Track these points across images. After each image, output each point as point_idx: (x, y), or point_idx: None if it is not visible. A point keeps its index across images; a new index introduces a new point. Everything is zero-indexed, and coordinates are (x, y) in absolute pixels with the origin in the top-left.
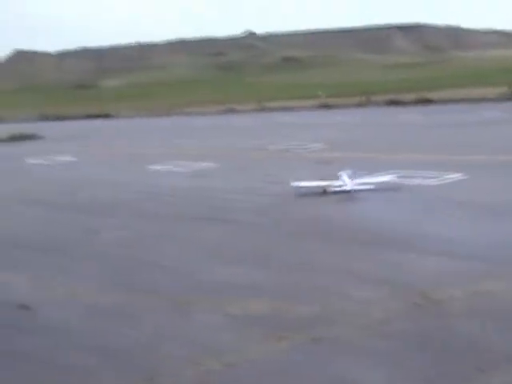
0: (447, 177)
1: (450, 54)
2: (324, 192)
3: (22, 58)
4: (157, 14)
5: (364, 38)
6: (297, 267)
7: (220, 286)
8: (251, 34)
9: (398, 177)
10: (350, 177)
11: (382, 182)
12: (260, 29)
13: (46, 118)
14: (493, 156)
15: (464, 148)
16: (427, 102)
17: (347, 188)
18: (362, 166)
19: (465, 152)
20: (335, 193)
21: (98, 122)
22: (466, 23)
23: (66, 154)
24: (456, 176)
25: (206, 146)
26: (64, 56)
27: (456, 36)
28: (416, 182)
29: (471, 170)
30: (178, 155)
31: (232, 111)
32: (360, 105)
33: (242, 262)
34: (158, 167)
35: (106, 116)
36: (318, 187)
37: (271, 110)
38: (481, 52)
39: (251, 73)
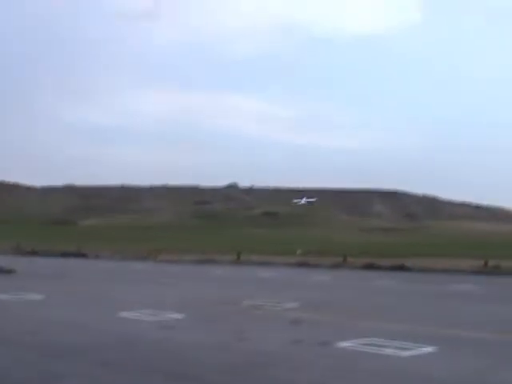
0: (418, 349)
1: (427, 223)
2: None
3: (4, 188)
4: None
5: (345, 199)
6: None
7: None
8: (235, 187)
9: (369, 345)
10: None
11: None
12: (244, 182)
13: (21, 251)
14: (465, 331)
15: (437, 320)
16: (403, 268)
17: None
18: (334, 330)
19: (438, 324)
20: None
21: (73, 261)
22: (442, 194)
23: (35, 291)
24: (427, 349)
25: (180, 295)
26: (48, 191)
27: (432, 206)
28: (388, 351)
29: (443, 343)
30: (148, 303)
31: (210, 261)
32: (337, 265)
33: None
34: (126, 314)
35: (82, 255)
36: None
37: (249, 263)
38: (456, 223)
39: (232, 224)
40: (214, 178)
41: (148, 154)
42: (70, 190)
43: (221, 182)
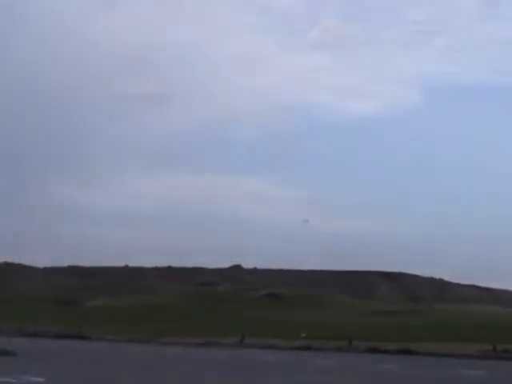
0: None
1: (433, 306)
2: None
3: (9, 269)
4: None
5: (349, 281)
6: None
7: None
8: (238, 268)
9: None
10: None
11: None
12: (248, 263)
13: (22, 333)
14: None
15: None
16: (408, 352)
17: None
18: None
19: None
20: None
21: (75, 343)
22: (449, 276)
23: (35, 374)
24: None
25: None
26: (52, 271)
27: (439, 288)
28: None
29: None
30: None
31: (212, 344)
32: (341, 349)
33: None
34: None
35: (83, 337)
36: None
37: (252, 346)
38: (463, 306)
39: (235, 306)
40: (217, 259)
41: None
42: (72, 271)
43: (224, 263)
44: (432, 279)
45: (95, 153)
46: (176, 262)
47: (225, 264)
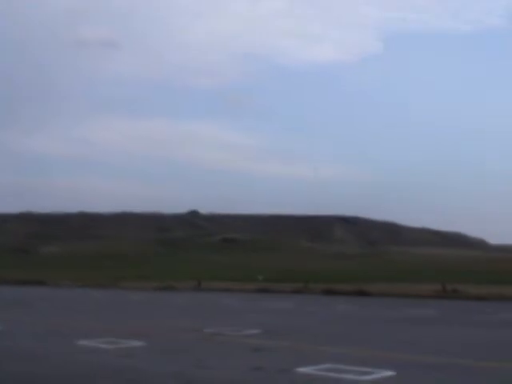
0: (378, 374)
1: (387, 248)
2: None
3: None
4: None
5: (306, 226)
6: None
7: None
8: (195, 214)
9: (329, 370)
10: None
11: None
12: (205, 209)
13: None
14: (425, 356)
15: (397, 345)
16: (363, 293)
17: None
18: (294, 356)
19: (398, 349)
20: None
21: (33, 290)
22: (402, 220)
23: None
24: (387, 374)
25: (139, 323)
26: (6, 218)
27: (392, 231)
28: (348, 377)
29: (403, 368)
30: (108, 331)
31: (170, 288)
32: (298, 291)
33: None
34: (86, 342)
35: (42, 283)
36: None
37: (210, 290)
38: (415, 248)
39: (193, 251)
40: (175, 205)
41: (107, 183)
42: (27, 218)
43: (182, 209)
44: (386, 223)
45: (47, 99)
46: (133, 208)
47: (182, 210)
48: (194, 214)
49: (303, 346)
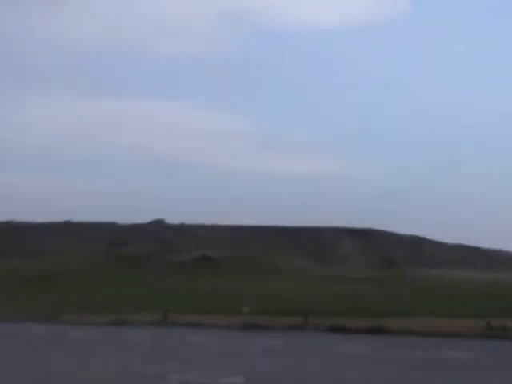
0: None
1: (410, 270)
2: None
3: None
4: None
5: (303, 240)
6: None
7: None
8: (160, 223)
9: None
10: None
11: None
12: (173, 217)
13: None
14: None
15: None
16: (380, 331)
17: None
18: None
19: None
20: None
21: None
22: (429, 234)
23: None
24: None
25: (85, 370)
26: None
27: (416, 248)
28: None
29: None
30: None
31: (127, 322)
32: (294, 327)
33: None
34: None
35: None
36: None
37: (179, 325)
38: (448, 270)
39: (157, 273)
40: (133, 212)
41: (44, 183)
42: None
43: (143, 217)
44: (408, 237)
45: None
46: (77, 217)
47: (143, 218)
48: (158, 224)
49: None
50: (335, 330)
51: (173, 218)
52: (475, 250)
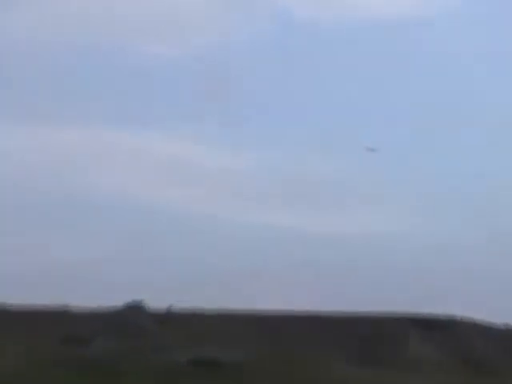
0: None
1: (506, 375)
2: None
3: None
4: None
5: (349, 333)
6: None
7: None
8: (137, 309)
9: None
10: None
11: None
12: (156, 300)
13: None
14: None
15: None
16: None
17: None
18: None
19: None
20: None
21: None
22: None
23: None
24: None
25: None
26: None
27: None
28: None
29: None
30: None
31: None
32: None
33: None
34: None
35: None
36: None
37: None
38: None
39: (134, 383)
40: (98, 292)
41: None
42: None
43: (112, 300)
44: (505, 329)
45: None
46: (17, 299)
47: (113, 301)
48: (134, 310)
49: None
50: None
51: (157, 301)
52: None
